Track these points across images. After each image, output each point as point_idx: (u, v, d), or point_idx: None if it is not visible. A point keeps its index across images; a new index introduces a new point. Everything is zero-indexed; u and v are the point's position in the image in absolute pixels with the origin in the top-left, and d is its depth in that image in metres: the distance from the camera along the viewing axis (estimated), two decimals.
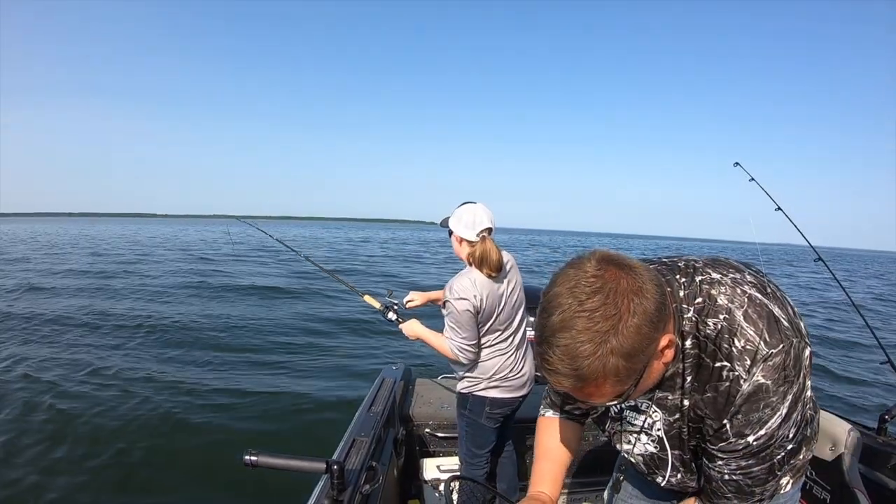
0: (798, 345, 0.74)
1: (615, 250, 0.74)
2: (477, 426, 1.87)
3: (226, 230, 15.62)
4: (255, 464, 1.06)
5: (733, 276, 0.79)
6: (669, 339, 0.71)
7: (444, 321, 1.84)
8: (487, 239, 1.77)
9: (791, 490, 0.96)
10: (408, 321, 1.97)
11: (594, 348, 0.63)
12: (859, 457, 1.50)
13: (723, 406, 0.75)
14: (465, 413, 1.89)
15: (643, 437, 0.92)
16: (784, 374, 0.72)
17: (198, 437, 3.76)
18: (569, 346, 0.64)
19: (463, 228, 1.77)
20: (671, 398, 0.83)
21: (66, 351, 5.78)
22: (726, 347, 0.74)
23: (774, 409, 0.73)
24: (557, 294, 0.67)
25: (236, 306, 8.95)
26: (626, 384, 0.68)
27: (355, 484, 1.28)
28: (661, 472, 0.93)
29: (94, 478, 3.17)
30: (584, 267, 0.67)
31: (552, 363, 0.66)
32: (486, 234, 1.77)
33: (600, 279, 0.65)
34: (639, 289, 0.66)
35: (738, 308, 0.75)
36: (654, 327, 0.66)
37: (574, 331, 0.64)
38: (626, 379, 0.67)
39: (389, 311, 2.09)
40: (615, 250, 0.74)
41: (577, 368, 0.64)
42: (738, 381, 0.73)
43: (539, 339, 0.69)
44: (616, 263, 0.68)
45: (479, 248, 1.75)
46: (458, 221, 1.79)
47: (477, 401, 1.85)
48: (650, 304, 0.66)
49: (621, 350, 0.63)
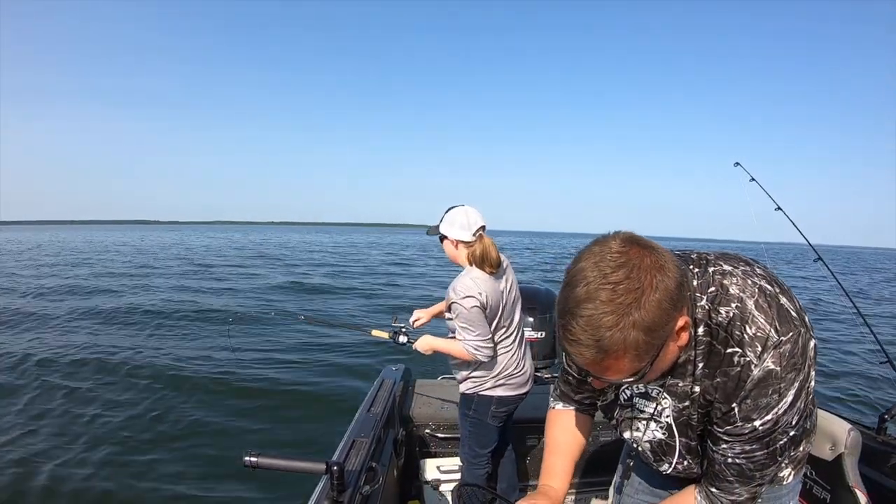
0: (805, 335, 0.76)
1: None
2: (482, 426, 1.88)
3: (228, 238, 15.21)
4: (256, 465, 1.05)
5: (744, 269, 0.82)
6: (686, 321, 0.73)
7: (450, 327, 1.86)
8: (484, 237, 1.81)
9: (793, 482, 0.98)
10: (420, 338, 1.97)
11: (617, 319, 0.65)
12: (859, 456, 1.50)
13: (733, 390, 0.78)
14: (469, 414, 1.89)
15: (652, 423, 0.94)
16: (792, 361, 0.74)
17: (198, 436, 3.76)
18: (592, 317, 0.66)
19: (458, 231, 1.80)
20: (682, 385, 0.85)
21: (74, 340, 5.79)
22: (738, 334, 0.76)
23: (782, 396, 0.75)
24: (583, 268, 0.69)
25: (237, 306, 8.95)
26: (644, 360, 0.70)
27: (355, 485, 1.28)
28: (667, 458, 0.95)
29: (93, 477, 3.17)
30: (609, 244, 0.70)
31: (575, 333, 0.68)
32: (482, 233, 1.81)
33: (625, 255, 0.67)
34: (661, 266, 0.68)
35: (750, 297, 0.77)
36: (674, 305, 0.69)
37: (598, 301, 0.65)
38: (644, 354, 0.69)
39: (399, 336, 2.10)
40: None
41: (599, 339, 0.66)
42: (749, 367, 0.75)
43: (562, 311, 0.70)
44: (639, 243, 0.70)
45: (478, 246, 1.78)
46: (451, 225, 1.82)
47: (483, 400, 1.86)
48: (671, 281, 0.68)
49: (643, 323, 0.66)
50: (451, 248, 1.85)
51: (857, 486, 1.44)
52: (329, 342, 6.66)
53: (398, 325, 2.12)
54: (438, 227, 1.87)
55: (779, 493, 0.97)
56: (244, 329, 7.11)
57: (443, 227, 1.84)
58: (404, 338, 2.09)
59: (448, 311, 1.83)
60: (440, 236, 1.88)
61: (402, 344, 2.08)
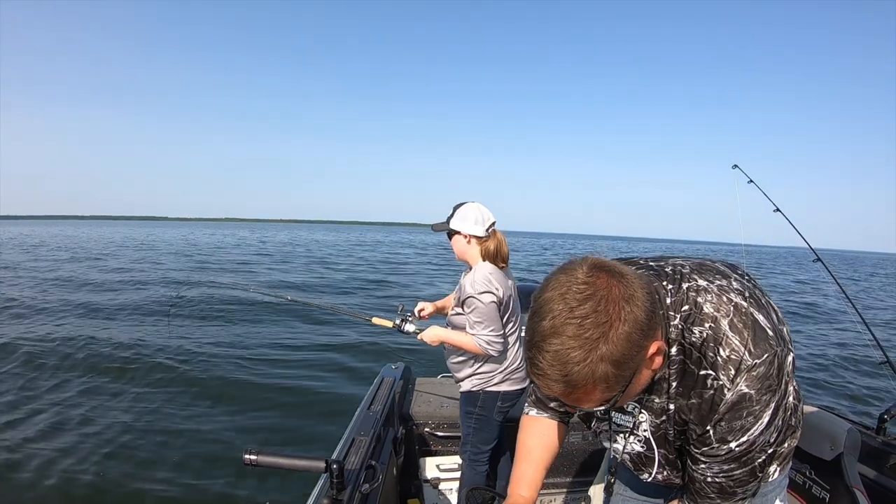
0: (781, 353, 0.75)
1: (607, 256, 0.74)
2: (487, 422, 1.90)
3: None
4: (255, 463, 1.06)
5: (720, 284, 0.80)
6: (658, 347, 0.71)
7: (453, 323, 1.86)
8: (497, 232, 1.85)
9: (778, 477, 0.98)
10: (428, 329, 1.95)
11: (584, 355, 0.63)
12: (858, 456, 1.50)
13: (706, 413, 0.77)
14: (474, 411, 1.90)
15: (630, 437, 0.94)
16: (767, 383, 0.73)
17: (198, 436, 3.76)
18: (559, 352, 0.64)
19: (472, 226, 1.82)
20: (657, 401, 0.85)
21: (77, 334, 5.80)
22: (711, 356, 0.75)
23: (757, 418, 0.74)
24: (549, 299, 0.67)
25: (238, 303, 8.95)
26: (615, 390, 0.69)
27: (355, 483, 1.28)
28: (647, 469, 0.95)
29: (93, 475, 3.17)
30: (576, 273, 0.67)
31: (542, 368, 0.66)
32: (494, 228, 1.85)
33: (591, 286, 0.65)
34: (630, 296, 0.66)
35: (724, 317, 0.76)
36: (644, 335, 0.67)
37: (564, 336, 0.64)
38: (615, 385, 0.67)
39: (406, 324, 2.02)
40: (607, 256, 0.74)
41: (566, 374, 0.65)
42: (721, 390, 0.75)
43: (529, 344, 0.69)
44: (607, 270, 0.68)
45: (492, 242, 1.83)
46: (464, 221, 1.83)
47: (489, 396, 1.88)
48: (640, 312, 0.66)
49: (611, 357, 0.64)
50: (462, 244, 1.85)
51: (856, 485, 1.45)
52: (329, 341, 6.67)
53: (404, 314, 2.06)
54: (448, 223, 1.86)
55: (764, 489, 0.97)
56: (244, 324, 7.12)
57: (455, 223, 1.84)
58: (411, 327, 2.02)
59: (459, 306, 1.83)
60: (449, 232, 1.88)
61: (408, 333, 2.01)
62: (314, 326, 7.41)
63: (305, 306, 2.51)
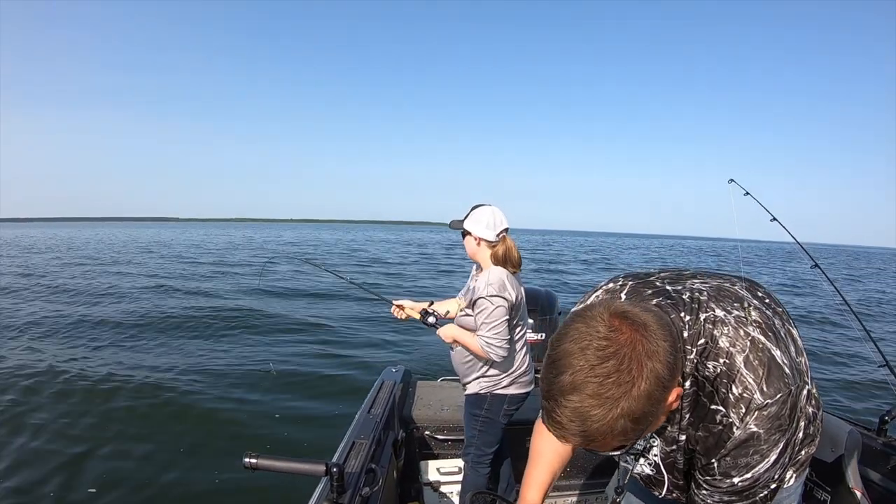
0: (796, 391, 0.74)
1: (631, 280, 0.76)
2: (492, 425, 1.90)
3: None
4: (255, 466, 1.05)
5: (737, 315, 0.79)
6: (677, 393, 0.71)
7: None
8: (507, 238, 1.86)
9: (795, 484, 0.98)
10: (446, 325, 1.97)
11: (604, 413, 0.62)
12: (859, 458, 1.49)
13: (713, 446, 0.77)
14: (480, 414, 1.90)
15: (641, 459, 0.95)
16: (778, 423, 0.73)
17: (199, 435, 3.75)
18: (578, 409, 0.62)
19: (483, 229, 1.83)
20: (669, 430, 0.85)
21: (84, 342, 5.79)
22: (723, 392, 0.75)
23: (763, 456, 0.74)
24: (568, 352, 0.64)
25: (239, 304, 8.95)
26: (632, 439, 0.68)
27: (355, 486, 1.28)
28: (657, 489, 0.96)
29: (93, 474, 3.16)
30: (596, 324, 0.65)
31: (560, 421, 0.65)
32: (505, 234, 1.86)
33: (613, 343, 0.63)
34: (653, 353, 0.64)
35: (740, 353, 0.75)
36: (665, 389, 0.65)
37: (584, 394, 0.62)
38: (632, 436, 0.67)
39: (429, 317, 2.09)
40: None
41: (585, 430, 0.64)
42: (730, 428, 0.74)
43: (547, 395, 0.66)
44: (630, 322, 0.65)
45: (500, 247, 1.84)
46: (476, 223, 1.85)
47: (496, 399, 1.88)
48: (663, 367, 0.64)
49: (631, 414, 0.63)
50: (473, 245, 1.88)
51: (857, 487, 1.44)
52: (329, 340, 6.67)
53: (430, 309, 2.11)
54: (462, 222, 1.89)
55: (779, 496, 0.96)
56: (244, 327, 7.12)
57: (468, 224, 1.87)
58: (433, 319, 2.08)
59: (469, 307, 1.84)
60: (463, 231, 1.90)
61: (429, 324, 2.07)
62: (315, 326, 7.40)
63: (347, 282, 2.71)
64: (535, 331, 2.79)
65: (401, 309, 2.13)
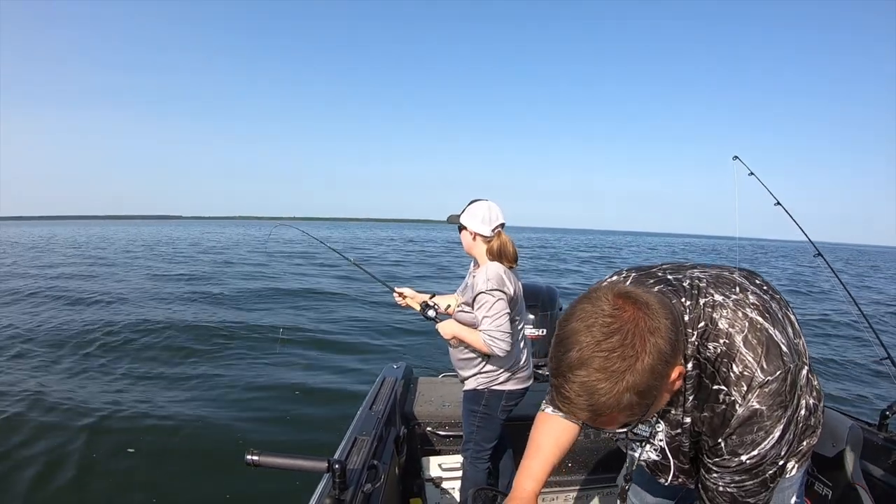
0: (795, 368, 0.77)
1: (635, 267, 0.77)
2: (490, 420, 1.91)
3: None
4: (257, 463, 1.05)
5: (736, 298, 0.82)
6: (679, 371, 0.73)
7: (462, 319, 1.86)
8: (502, 233, 1.87)
9: (796, 474, 1.00)
10: (445, 321, 1.97)
11: (611, 386, 0.65)
12: (861, 453, 1.50)
13: (718, 426, 0.79)
14: (478, 409, 1.91)
15: (647, 445, 0.96)
16: (779, 399, 0.75)
17: (198, 437, 3.76)
18: (586, 383, 0.66)
19: (479, 224, 1.84)
20: (673, 413, 0.87)
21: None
22: (724, 371, 0.77)
23: (768, 433, 0.76)
24: (575, 330, 0.68)
25: (240, 305, 8.96)
26: (638, 415, 0.71)
27: (357, 483, 1.28)
28: (663, 475, 0.98)
29: (93, 475, 3.18)
30: (601, 304, 0.69)
31: (569, 397, 0.68)
32: (501, 229, 1.86)
33: (617, 319, 0.67)
34: (655, 328, 0.68)
35: (739, 333, 0.78)
36: (667, 364, 0.69)
37: (591, 368, 0.65)
38: (638, 411, 0.70)
39: (429, 310, 2.10)
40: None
41: (592, 404, 0.67)
42: (733, 406, 0.76)
43: (555, 372, 0.70)
44: (633, 301, 0.69)
45: (496, 242, 1.84)
46: (472, 218, 1.85)
47: (494, 395, 1.89)
48: (664, 342, 0.68)
49: (636, 388, 0.66)
50: (469, 240, 1.89)
51: (858, 482, 1.44)
52: (329, 339, 6.68)
53: (431, 302, 2.11)
54: (459, 217, 1.90)
55: (781, 485, 0.98)
56: (244, 328, 7.13)
57: (464, 218, 1.88)
58: (433, 312, 2.08)
59: (468, 303, 1.84)
60: (459, 226, 1.91)
61: (429, 318, 2.07)
62: (315, 326, 7.40)
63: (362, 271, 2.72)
64: (537, 326, 2.78)
65: (402, 297, 2.15)
